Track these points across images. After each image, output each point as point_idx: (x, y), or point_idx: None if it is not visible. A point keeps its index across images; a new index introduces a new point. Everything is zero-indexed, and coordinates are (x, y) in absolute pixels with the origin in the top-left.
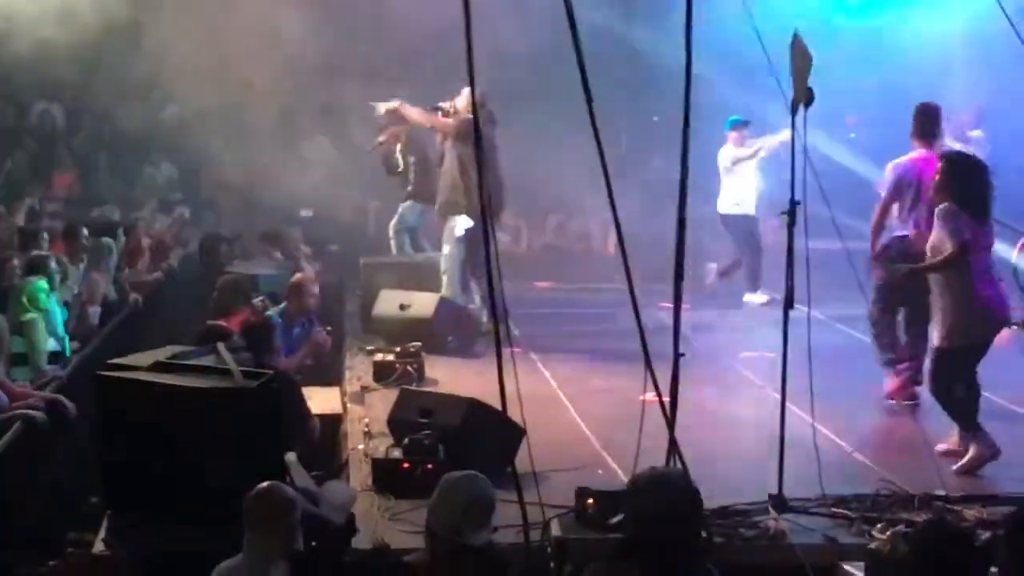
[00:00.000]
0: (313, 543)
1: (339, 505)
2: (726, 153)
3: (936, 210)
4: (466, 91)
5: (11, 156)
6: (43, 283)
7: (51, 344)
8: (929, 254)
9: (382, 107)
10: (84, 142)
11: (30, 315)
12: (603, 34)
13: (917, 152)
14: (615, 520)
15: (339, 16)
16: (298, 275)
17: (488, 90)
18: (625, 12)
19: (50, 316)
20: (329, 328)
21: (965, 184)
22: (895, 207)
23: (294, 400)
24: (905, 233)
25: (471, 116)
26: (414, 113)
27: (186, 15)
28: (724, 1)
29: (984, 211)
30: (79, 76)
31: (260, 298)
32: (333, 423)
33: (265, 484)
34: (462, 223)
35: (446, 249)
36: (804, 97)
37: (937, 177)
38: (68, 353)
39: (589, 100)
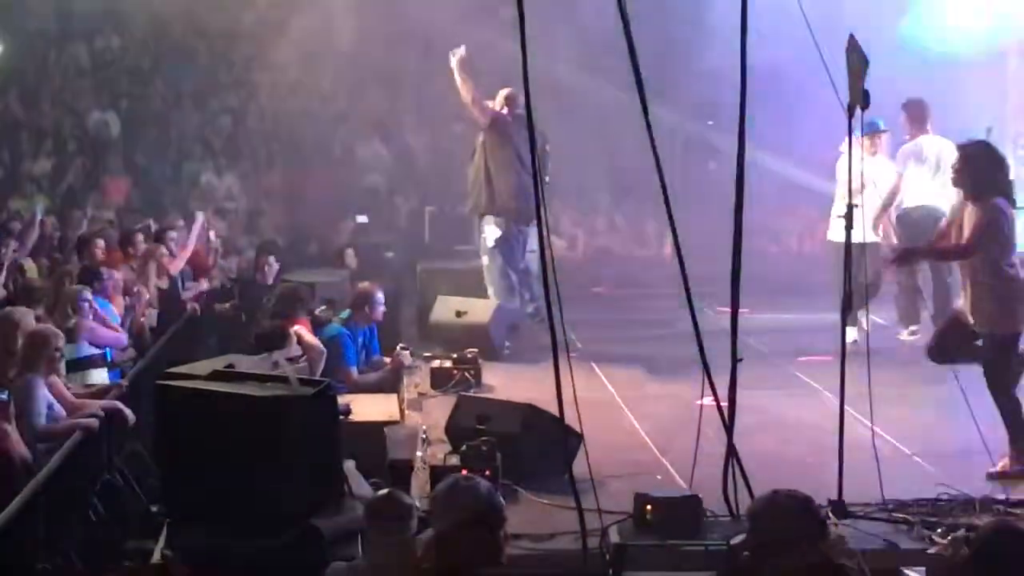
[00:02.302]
0: None
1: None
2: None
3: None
4: (503, 92)
5: (69, 165)
6: (84, 294)
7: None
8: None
9: (454, 58)
10: (139, 150)
11: (74, 321)
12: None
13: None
14: (736, 541)
15: (392, 21)
16: (365, 283)
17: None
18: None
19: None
20: (403, 345)
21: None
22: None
23: None
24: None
25: (503, 113)
26: (462, 83)
27: (242, 24)
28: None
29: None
30: (136, 85)
31: (323, 307)
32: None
33: (388, 490)
34: (491, 233)
35: (484, 260)
36: (860, 99)
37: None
38: (109, 357)
39: (644, 106)
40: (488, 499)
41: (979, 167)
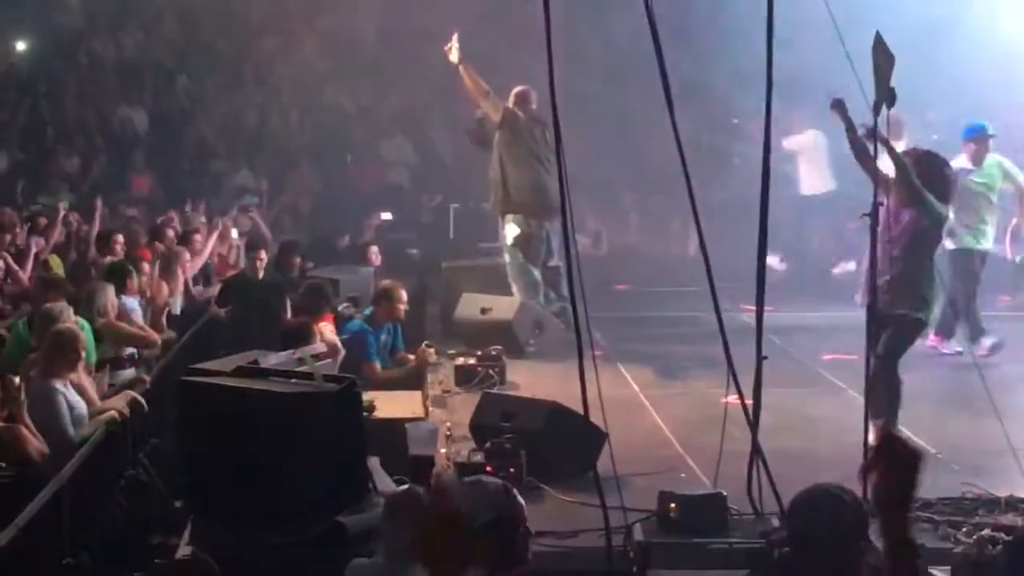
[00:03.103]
0: None
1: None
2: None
3: None
4: (516, 90)
5: (95, 161)
6: (107, 290)
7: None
8: None
9: (450, 52)
10: (164, 147)
11: (100, 320)
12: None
13: None
14: (774, 536)
15: (416, 17)
16: (388, 281)
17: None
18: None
19: (129, 321)
20: (428, 342)
21: None
22: None
23: None
24: None
25: (515, 109)
26: (469, 80)
27: (267, 20)
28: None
29: None
30: (160, 81)
31: (345, 304)
32: None
33: (407, 485)
34: (510, 231)
35: (506, 258)
36: (887, 97)
37: None
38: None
39: (670, 103)
40: (504, 502)
41: None
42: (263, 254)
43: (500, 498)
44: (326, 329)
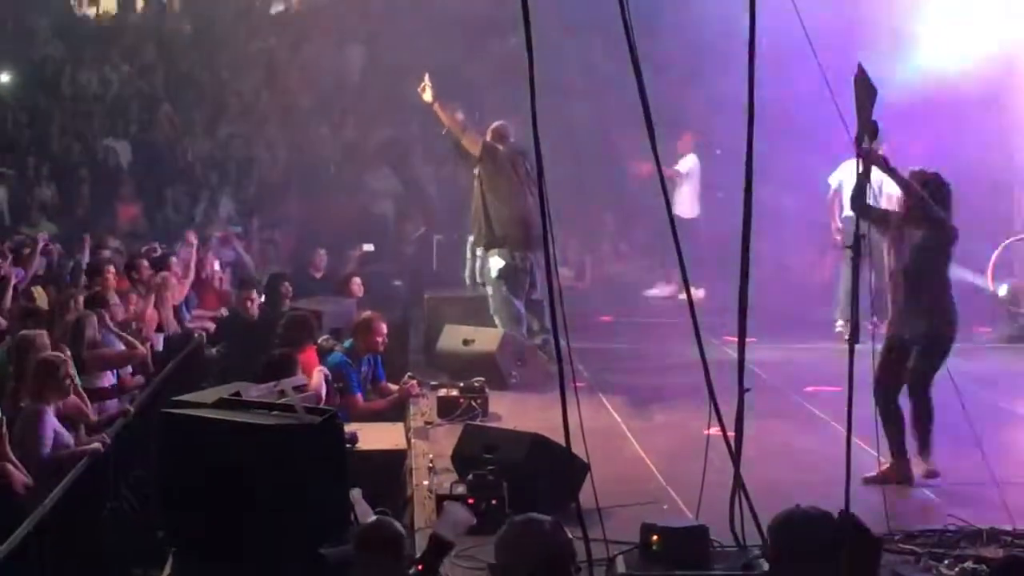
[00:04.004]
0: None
1: (454, 523)
2: None
3: None
4: (493, 125)
5: (78, 192)
6: (90, 321)
7: (110, 378)
8: None
9: (423, 92)
10: (148, 178)
11: (88, 351)
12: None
13: None
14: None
15: (399, 52)
16: (367, 313)
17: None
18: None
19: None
20: (411, 373)
21: None
22: None
23: None
24: None
25: (494, 143)
26: (445, 117)
27: (251, 51)
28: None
29: None
30: (144, 112)
31: (325, 336)
32: (398, 459)
33: (376, 518)
34: (494, 264)
35: (489, 290)
36: (869, 130)
37: None
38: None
39: (652, 135)
40: (556, 541)
41: None
42: (255, 294)
43: (561, 537)
44: (316, 375)
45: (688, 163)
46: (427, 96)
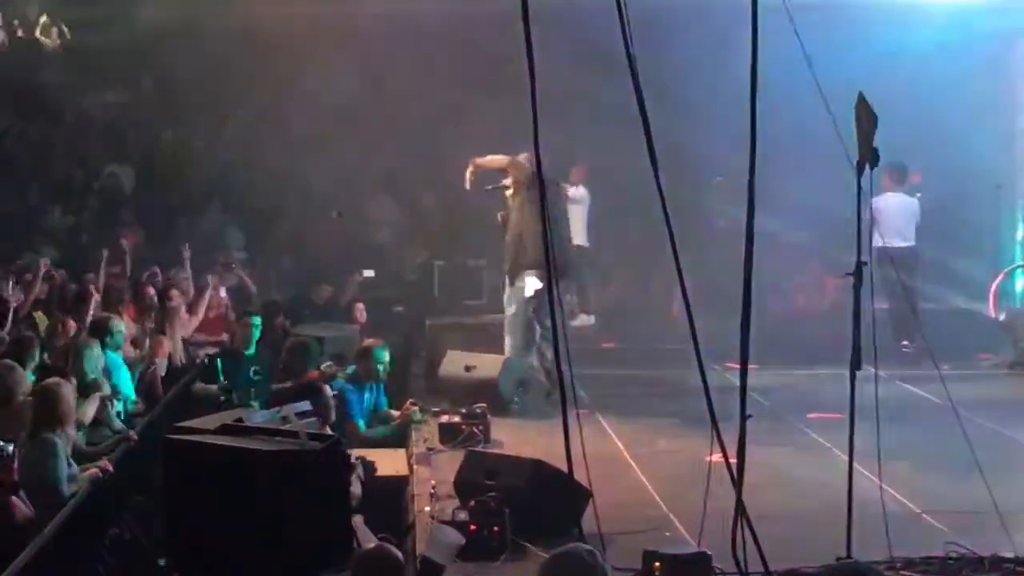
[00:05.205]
0: None
1: (446, 546)
2: None
3: None
4: (523, 155)
5: (82, 218)
6: (92, 347)
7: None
8: None
9: (467, 176)
10: (150, 204)
11: (91, 377)
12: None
13: None
14: None
15: (404, 77)
16: (369, 340)
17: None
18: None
19: (114, 378)
20: (412, 400)
21: None
22: None
23: None
24: None
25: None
26: (488, 160)
27: (249, 78)
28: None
29: None
30: (146, 139)
31: (328, 363)
32: (399, 485)
33: (377, 544)
34: (531, 284)
35: (511, 310)
36: (869, 157)
37: None
38: (122, 414)
39: (654, 162)
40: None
41: None
42: (256, 320)
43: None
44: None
45: (579, 193)
46: (468, 177)
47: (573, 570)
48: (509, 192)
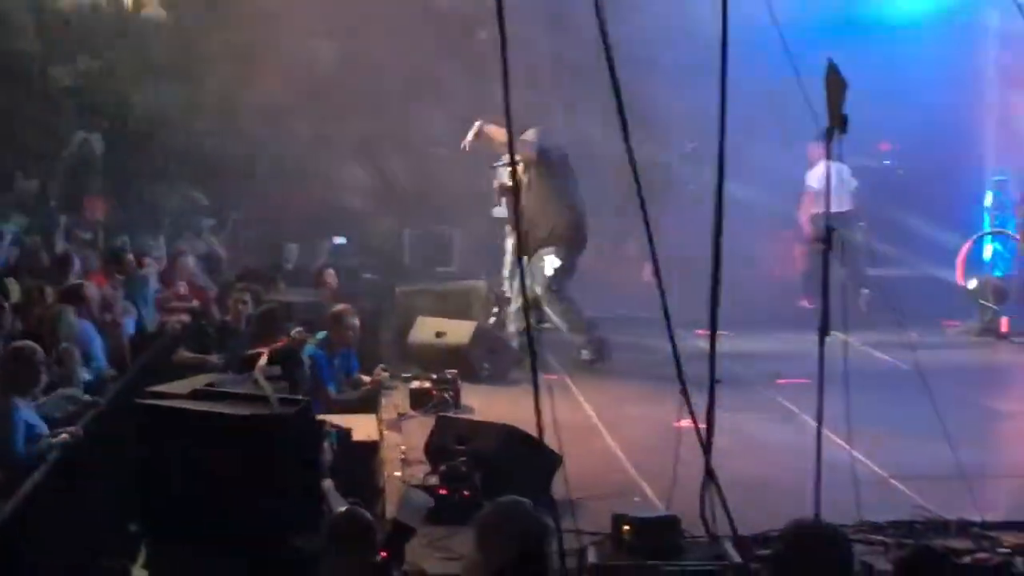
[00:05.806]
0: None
1: (417, 509)
2: None
3: None
4: (530, 130)
5: (51, 185)
6: (68, 314)
7: (85, 374)
8: None
9: (469, 136)
10: (120, 171)
11: (63, 345)
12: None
13: None
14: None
15: (376, 45)
16: (340, 305)
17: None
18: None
19: (87, 345)
20: (384, 367)
21: None
22: None
23: None
24: None
25: (543, 146)
26: (495, 131)
27: (224, 44)
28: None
29: None
30: (117, 106)
31: (298, 328)
32: (370, 450)
33: (348, 508)
34: (550, 263)
35: (538, 290)
36: (838, 123)
37: None
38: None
39: (625, 127)
40: (538, 521)
41: None
42: (246, 296)
43: (542, 521)
44: None
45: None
46: (469, 137)
47: (517, 520)
48: (519, 168)
